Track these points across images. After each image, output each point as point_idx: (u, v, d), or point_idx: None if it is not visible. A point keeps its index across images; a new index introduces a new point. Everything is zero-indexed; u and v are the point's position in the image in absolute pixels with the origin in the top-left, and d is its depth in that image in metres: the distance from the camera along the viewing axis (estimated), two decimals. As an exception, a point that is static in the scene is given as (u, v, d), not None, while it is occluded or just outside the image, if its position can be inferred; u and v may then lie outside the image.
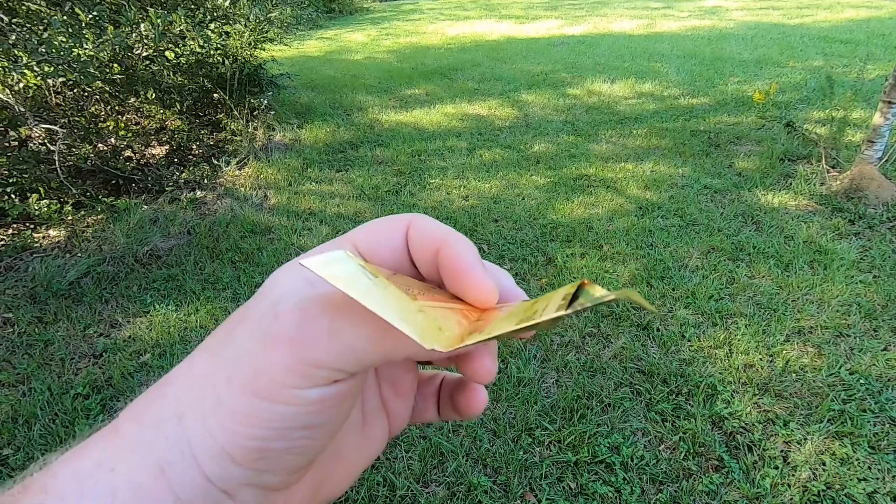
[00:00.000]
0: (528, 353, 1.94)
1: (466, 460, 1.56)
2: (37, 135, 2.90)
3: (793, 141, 3.62)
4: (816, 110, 4.16)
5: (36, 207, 2.64)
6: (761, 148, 3.60)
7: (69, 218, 2.77)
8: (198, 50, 3.46)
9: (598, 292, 0.18)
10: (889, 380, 1.76)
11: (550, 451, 1.59)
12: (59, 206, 2.76)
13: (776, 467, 1.50)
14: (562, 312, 0.18)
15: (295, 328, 0.20)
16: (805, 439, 1.57)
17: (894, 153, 2.97)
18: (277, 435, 0.19)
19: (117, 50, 2.68)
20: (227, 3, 3.51)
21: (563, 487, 1.48)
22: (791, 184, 3.10)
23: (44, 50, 2.24)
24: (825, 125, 3.63)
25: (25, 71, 2.35)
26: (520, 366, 1.88)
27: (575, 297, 0.19)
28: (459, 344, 0.20)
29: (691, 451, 1.56)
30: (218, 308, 2.25)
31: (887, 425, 1.60)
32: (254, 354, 0.20)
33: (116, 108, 3.72)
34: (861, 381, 1.75)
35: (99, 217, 2.88)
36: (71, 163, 3.05)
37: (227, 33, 3.74)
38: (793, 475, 1.48)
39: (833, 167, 3.16)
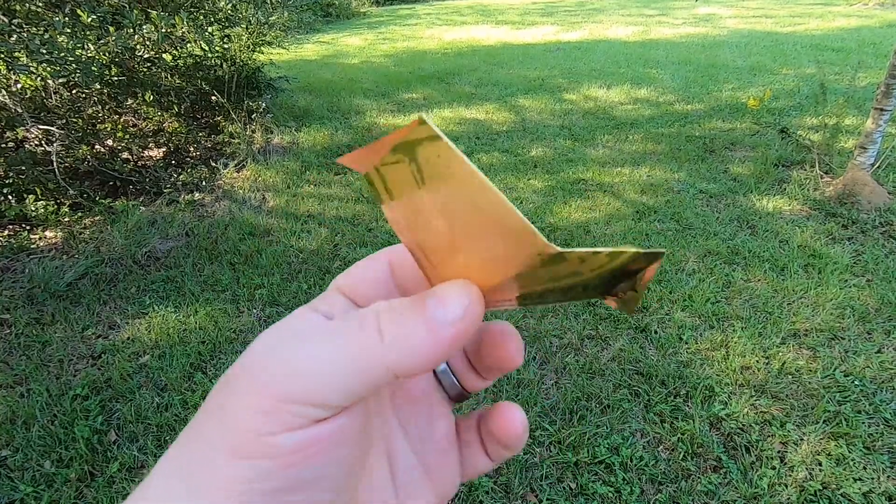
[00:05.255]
0: (527, 356, 1.95)
1: (467, 461, 1.56)
2: (34, 136, 2.89)
3: (787, 147, 3.66)
4: (809, 117, 4.21)
5: (33, 209, 2.63)
6: (756, 153, 3.65)
7: (66, 219, 2.76)
8: (198, 53, 3.47)
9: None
10: (883, 382, 1.78)
11: (550, 451, 1.60)
12: (56, 207, 2.75)
13: (773, 467, 1.52)
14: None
15: (259, 367, 0.18)
16: (801, 440, 1.59)
17: (886, 159, 3.02)
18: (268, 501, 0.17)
19: (119, 51, 2.68)
20: (228, 7, 3.52)
21: (564, 488, 1.50)
22: (785, 189, 3.14)
23: (45, 51, 2.24)
24: (818, 131, 3.68)
25: (25, 72, 2.34)
26: (519, 368, 1.88)
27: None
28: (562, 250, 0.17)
29: (690, 451, 1.58)
30: (217, 310, 2.25)
31: (881, 426, 1.63)
32: (224, 410, 0.18)
33: (114, 109, 3.72)
34: (855, 382, 1.78)
35: (96, 218, 2.87)
36: (68, 164, 3.05)
37: (227, 36, 3.75)
38: (790, 475, 1.50)
39: (826, 173, 3.21)
